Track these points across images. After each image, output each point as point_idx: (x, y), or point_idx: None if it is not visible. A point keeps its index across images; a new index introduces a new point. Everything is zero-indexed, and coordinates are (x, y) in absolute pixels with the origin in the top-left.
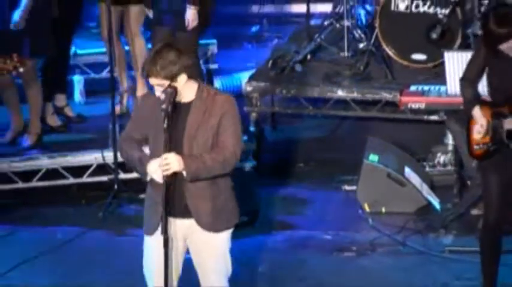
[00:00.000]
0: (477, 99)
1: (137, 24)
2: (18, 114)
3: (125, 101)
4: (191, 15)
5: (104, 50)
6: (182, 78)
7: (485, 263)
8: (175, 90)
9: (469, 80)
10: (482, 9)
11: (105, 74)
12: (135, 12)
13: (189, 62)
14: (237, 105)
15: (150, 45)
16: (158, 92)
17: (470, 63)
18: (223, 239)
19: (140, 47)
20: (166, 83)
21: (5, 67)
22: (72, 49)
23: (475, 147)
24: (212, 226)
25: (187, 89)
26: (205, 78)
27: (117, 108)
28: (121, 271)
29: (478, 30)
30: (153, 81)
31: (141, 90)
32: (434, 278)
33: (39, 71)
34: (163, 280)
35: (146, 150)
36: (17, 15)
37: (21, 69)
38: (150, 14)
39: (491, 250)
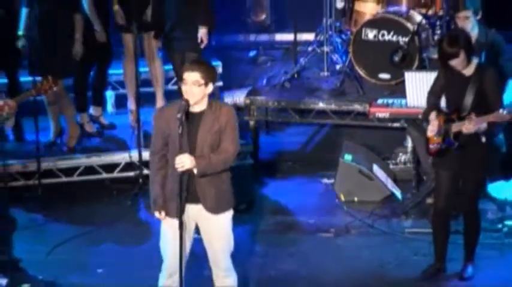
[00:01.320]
0: (435, 107)
1: (155, 48)
2: (57, 121)
3: None
4: (203, 34)
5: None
6: (211, 86)
7: (437, 242)
8: (187, 103)
9: (432, 92)
10: (436, 37)
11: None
12: (154, 40)
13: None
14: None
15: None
16: (189, 92)
17: (435, 80)
18: (226, 221)
19: (158, 67)
20: (202, 82)
21: (43, 87)
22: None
23: (431, 146)
24: (215, 209)
25: (203, 100)
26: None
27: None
28: (146, 250)
29: (432, 54)
30: (192, 76)
31: (160, 104)
32: (396, 253)
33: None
34: (179, 254)
35: None
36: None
37: (54, 89)
38: (159, 43)
39: (441, 231)
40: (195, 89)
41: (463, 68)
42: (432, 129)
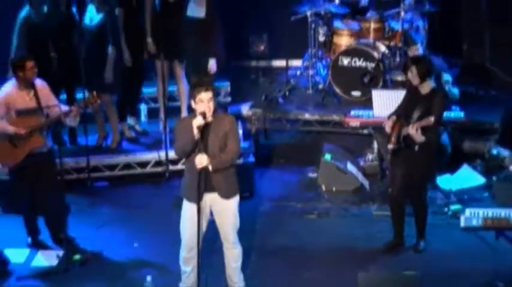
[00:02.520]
0: (395, 115)
1: (181, 71)
2: (103, 128)
3: None
4: (212, 64)
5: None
6: (215, 101)
7: (394, 223)
8: (204, 116)
9: (399, 105)
10: (397, 63)
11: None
12: (179, 65)
13: None
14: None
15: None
16: (203, 106)
17: (403, 96)
18: (234, 205)
19: (183, 86)
20: (213, 98)
21: (90, 101)
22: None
23: (388, 146)
24: (227, 195)
25: (212, 111)
26: (222, 106)
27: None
28: (171, 229)
29: (393, 77)
30: (208, 95)
31: (184, 113)
32: (365, 231)
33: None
34: (196, 233)
35: None
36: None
37: (98, 102)
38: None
39: (396, 214)
40: (211, 104)
41: (416, 83)
42: (387, 129)
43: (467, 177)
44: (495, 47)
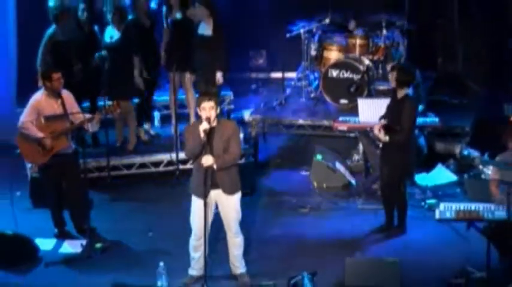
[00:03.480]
0: (382, 119)
1: (190, 82)
2: (121, 133)
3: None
4: (220, 76)
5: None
6: (218, 109)
7: (385, 209)
8: (209, 121)
9: (386, 110)
10: (380, 75)
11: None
12: (188, 76)
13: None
14: (240, 128)
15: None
16: (208, 113)
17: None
18: (236, 200)
19: (192, 96)
20: (215, 107)
21: (111, 109)
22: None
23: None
24: (230, 191)
25: (215, 118)
26: (225, 113)
27: None
28: (181, 220)
29: (377, 87)
30: (210, 104)
31: (193, 119)
32: (352, 222)
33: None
34: (203, 224)
35: None
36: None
37: (118, 111)
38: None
39: (385, 204)
40: (212, 112)
41: (393, 85)
42: (376, 131)
43: (441, 175)
44: (466, 60)
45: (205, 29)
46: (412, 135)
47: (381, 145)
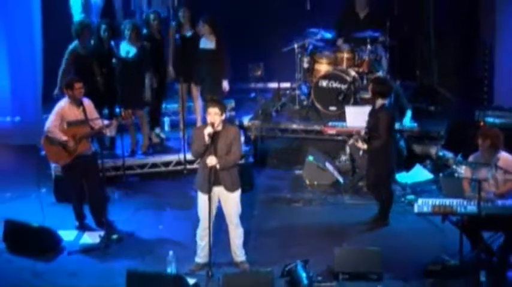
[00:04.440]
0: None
1: (197, 92)
2: (134, 137)
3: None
4: (226, 84)
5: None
6: (224, 115)
7: (377, 202)
8: (212, 126)
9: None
10: (364, 85)
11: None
12: (195, 87)
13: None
14: (241, 132)
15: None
16: (212, 118)
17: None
18: (237, 196)
19: (199, 104)
20: (220, 113)
21: (126, 116)
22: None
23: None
24: (231, 188)
25: (220, 124)
26: (228, 119)
27: None
28: (189, 213)
29: (362, 95)
30: (215, 110)
31: (199, 124)
32: (340, 216)
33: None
34: (208, 216)
35: None
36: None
37: (132, 118)
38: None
39: (376, 196)
40: (217, 117)
41: (370, 95)
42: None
43: (419, 174)
44: (441, 73)
45: (208, 43)
46: (390, 139)
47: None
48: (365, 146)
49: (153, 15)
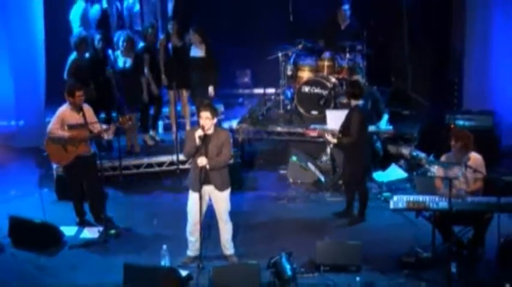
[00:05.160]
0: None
1: (186, 98)
2: (130, 139)
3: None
4: (212, 91)
5: None
6: (215, 119)
7: (347, 198)
8: (203, 129)
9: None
10: (343, 90)
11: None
12: (184, 93)
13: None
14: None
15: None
16: (204, 122)
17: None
18: (226, 194)
19: (187, 109)
20: (211, 117)
21: (124, 121)
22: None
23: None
24: (220, 187)
25: (212, 127)
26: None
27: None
28: (181, 210)
29: (341, 100)
30: (206, 114)
31: (188, 128)
32: (321, 211)
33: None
34: (198, 213)
35: None
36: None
37: (130, 123)
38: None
39: (348, 194)
40: (208, 121)
41: (346, 97)
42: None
43: (394, 173)
44: (414, 79)
45: (198, 51)
46: (363, 139)
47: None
48: (334, 140)
49: (151, 29)
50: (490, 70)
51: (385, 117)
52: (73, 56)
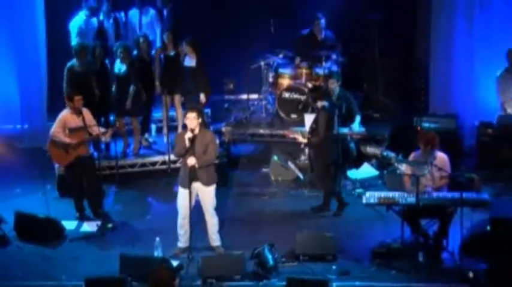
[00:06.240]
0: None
1: (179, 103)
2: (126, 141)
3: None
4: (203, 98)
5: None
6: (200, 120)
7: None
8: (192, 130)
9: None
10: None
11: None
12: (177, 98)
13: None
14: (216, 136)
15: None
16: (191, 123)
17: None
18: (212, 190)
19: (180, 113)
20: (197, 117)
21: (120, 125)
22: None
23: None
24: (207, 183)
25: (197, 128)
26: (206, 124)
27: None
28: (172, 206)
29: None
30: (193, 114)
31: (179, 130)
32: (300, 206)
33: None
34: (188, 208)
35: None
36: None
37: (125, 127)
38: (181, 99)
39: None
40: (194, 121)
41: (312, 101)
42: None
43: (367, 171)
44: (384, 85)
45: (190, 61)
46: (328, 138)
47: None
48: (304, 140)
49: (142, 39)
50: (452, 77)
51: (358, 118)
52: (70, 63)
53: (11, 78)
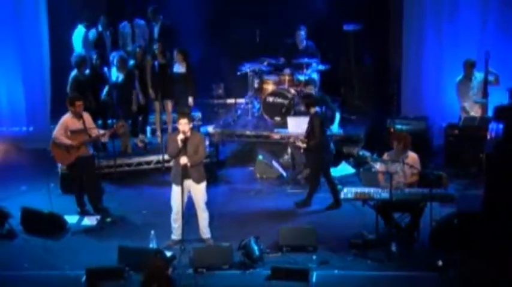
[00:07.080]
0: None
1: (170, 107)
2: (124, 142)
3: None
4: (191, 101)
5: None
6: (191, 124)
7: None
8: (184, 133)
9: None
10: (299, 100)
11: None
12: (168, 103)
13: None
14: (206, 137)
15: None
16: (183, 127)
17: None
18: (203, 187)
19: (170, 115)
20: (188, 122)
21: (118, 127)
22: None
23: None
24: (198, 180)
25: (189, 131)
26: (195, 128)
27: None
28: (166, 202)
29: (300, 109)
30: (184, 120)
31: (169, 132)
32: (283, 202)
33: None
34: (181, 206)
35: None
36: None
37: (123, 129)
38: (172, 104)
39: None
40: (186, 126)
41: (305, 107)
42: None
43: (344, 169)
44: (360, 90)
45: (180, 68)
46: (324, 139)
47: (302, 151)
48: (304, 145)
49: (138, 49)
50: (422, 83)
51: (337, 116)
52: (74, 73)
53: (18, 85)
